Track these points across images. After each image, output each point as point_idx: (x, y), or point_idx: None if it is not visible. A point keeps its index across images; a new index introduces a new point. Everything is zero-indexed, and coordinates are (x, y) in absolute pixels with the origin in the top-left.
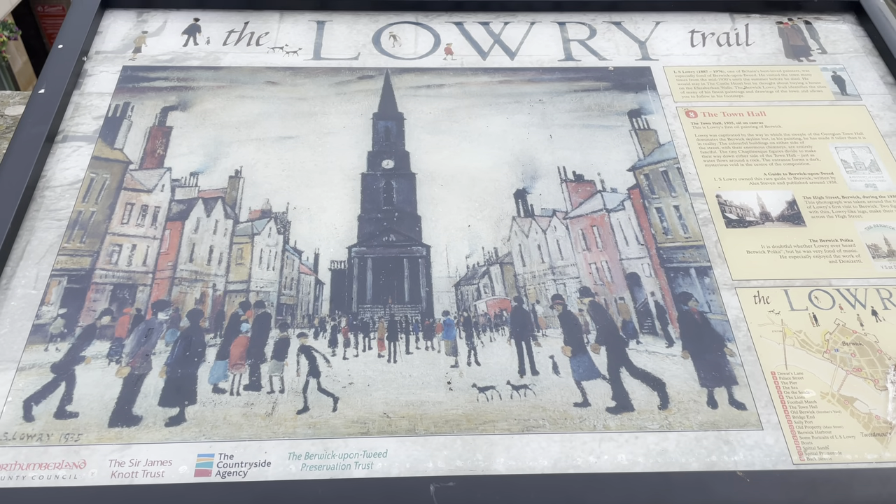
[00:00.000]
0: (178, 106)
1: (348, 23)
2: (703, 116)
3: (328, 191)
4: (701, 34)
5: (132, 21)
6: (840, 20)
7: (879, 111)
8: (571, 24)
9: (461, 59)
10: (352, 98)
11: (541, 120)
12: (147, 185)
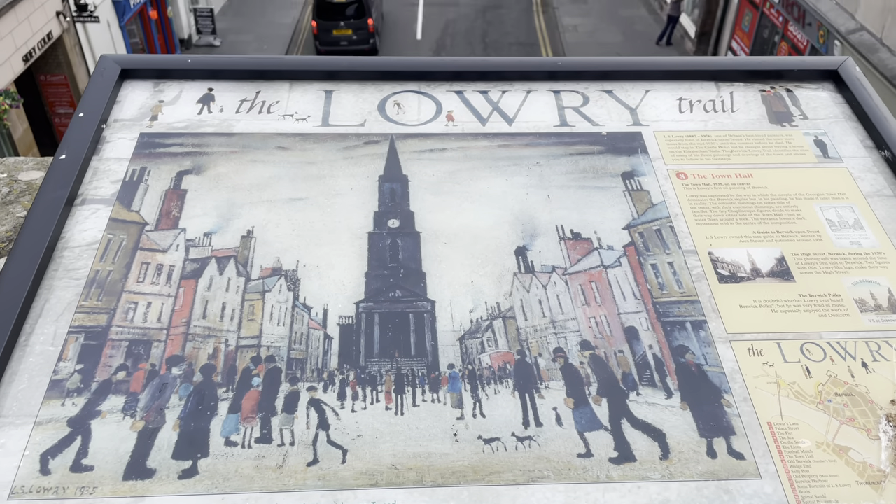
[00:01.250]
0: (193, 170)
1: (355, 92)
2: (693, 178)
3: (336, 249)
4: (688, 101)
5: (149, 91)
6: (820, 88)
7: (860, 173)
8: (566, 93)
9: (462, 125)
10: (359, 161)
11: (539, 182)
12: (162, 245)
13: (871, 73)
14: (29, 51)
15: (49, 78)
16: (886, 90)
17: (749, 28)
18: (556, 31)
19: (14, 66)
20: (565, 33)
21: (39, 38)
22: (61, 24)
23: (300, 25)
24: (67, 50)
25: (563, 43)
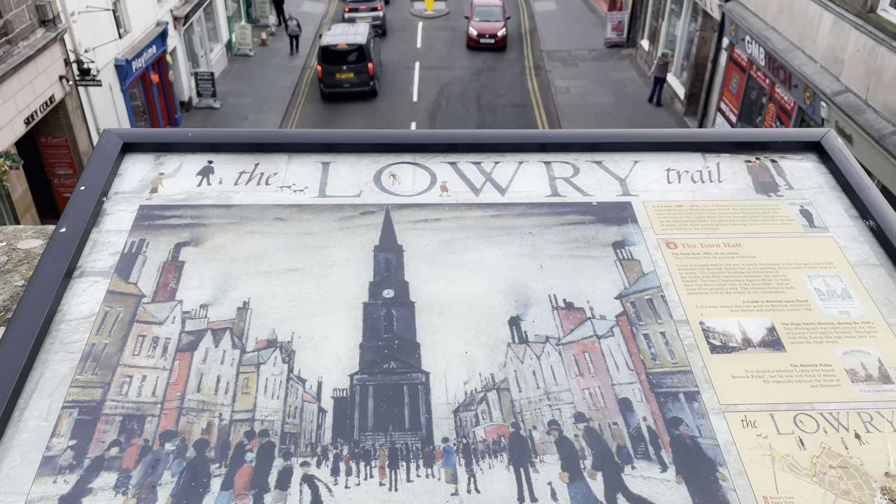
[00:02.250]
0: (191, 242)
1: (351, 163)
2: (682, 248)
3: (331, 320)
4: (676, 172)
5: (150, 164)
6: (804, 159)
7: (846, 242)
8: (556, 164)
9: (456, 195)
10: (354, 232)
11: (531, 251)
12: (159, 317)
13: (859, 133)
14: (31, 113)
15: (50, 140)
16: (874, 150)
17: (737, 90)
18: (548, 92)
19: (15, 128)
20: (558, 95)
21: (42, 101)
22: (64, 87)
23: (299, 88)
24: (69, 112)
25: (556, 104)
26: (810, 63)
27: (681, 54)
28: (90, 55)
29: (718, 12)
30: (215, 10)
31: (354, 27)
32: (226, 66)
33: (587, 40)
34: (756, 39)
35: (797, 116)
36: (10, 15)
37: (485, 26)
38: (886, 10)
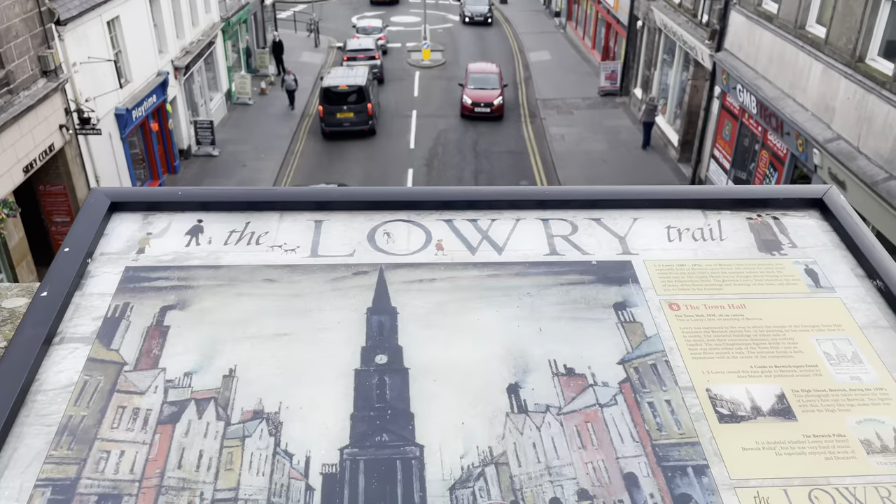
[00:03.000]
0: (177, 305)
1: (345, 221)
2: (685, 309)
3: (321, 388)
4: (677, 229)
5: (138, 223)
6: (806, 216)
7: (854, 303)
8: (554, 221)
9: (451, 254)
10: (347, 293)
11: (530, 313)
12: (140, 386)
13: (852, 179)
14: (30, 162)
15: (48, 188)
16: (868, 196)
17: (730, 137)
18: (543, 139)
19: (14, 176)
20: (553, 142)
21: (41, 149)
22: (63, 136)
23: (297, 135)
24: (68, 161)
25: (552, 151)
26: (801, 111)
27: (673, 102)
28: (90, 104)
29: (710, 62)
30: (216, 61)
31: (354, 70)
32: (225, 115)
33: (581, 89)
34: (747, 88)
35: (790, 163)
36: (13, 66)
37: (480, 94)
38: (875, 60)
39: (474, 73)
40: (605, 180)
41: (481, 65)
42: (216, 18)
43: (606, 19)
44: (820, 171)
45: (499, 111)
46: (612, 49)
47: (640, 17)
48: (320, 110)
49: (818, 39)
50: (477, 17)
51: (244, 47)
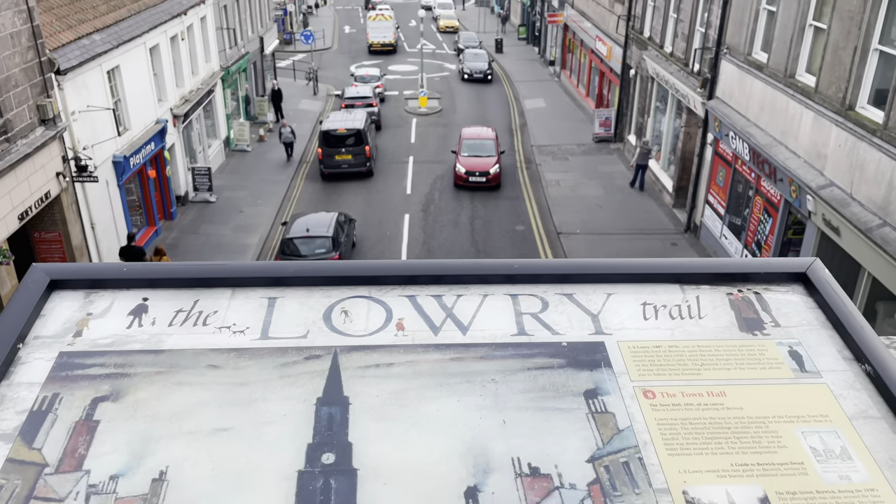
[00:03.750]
0: (110, 396)
1: (301, 298)
2: (661, 397)
3: (259, 494)
4: (653, 306)
5: (79, 302)
6: (789, 291)
7: (842, 390)
8: (524, 297)
9: (412, 334)
10: (296, 381)
11: (493, 402)
12: (60, 492)
13: (846, 225)
14: (25, 209)
15: (43, 235)
16: (862, 243)
17: (724, 183)
18: (539, 185)
19: (9, 224)
20: (548, 187)
21: (37, 197)
22: (60, 183)
23: (294, 182)
24: (64, 208)
25: (547, 196)
26: (794, 158)
27: (667, 148)
28: (88, 152)
29: (702, 110)
30: (215, 109)
31: (353, 114)
32: (223, 161)
33: (576, 135)
34: (740, 135)
35: (784, 209)
36: (11, 114)
37: (475, 163)
38: (865, 108)
39: (468, 138)
40: (601, 225)
41: (476, 129)
42: (216, 67)
43: (600, 68)
44: (814, 217)
45: (495, 180)
46: (606, 97)
47: (633, 66)
48: (319, 153)
49: (808, 88)
50: (476, 74)
51: (243, 95)
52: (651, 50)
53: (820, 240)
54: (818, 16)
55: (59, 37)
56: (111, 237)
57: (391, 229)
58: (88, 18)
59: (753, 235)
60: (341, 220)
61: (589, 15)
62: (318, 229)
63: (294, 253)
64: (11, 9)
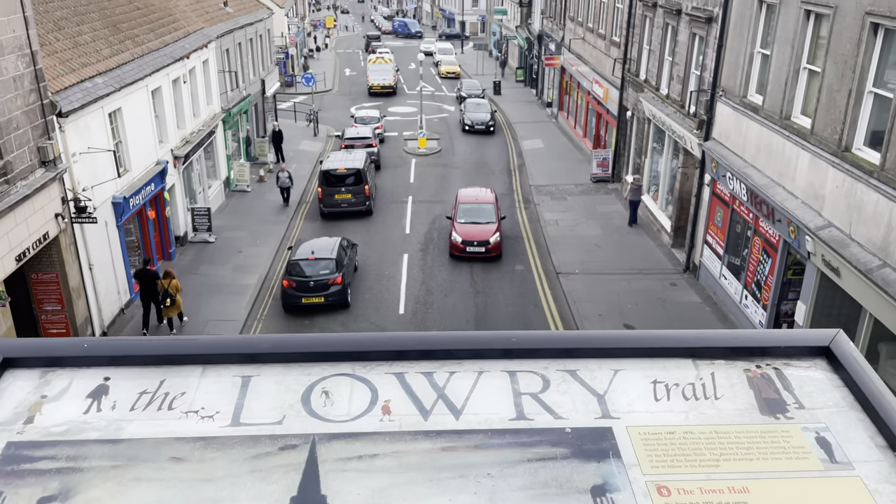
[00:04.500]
0: (58, 496)
1: (277, 377)
2: (677, 494)
3: None
4: (664, 385)
5: (33, 382)
6: (812, 366)
7: (877, 484)
8: (522, 374)
9: (400, 419)
10: (268, 476)
11: (489, 501)
12: None
13: (846, 266)
14: (23, 251)
15: (40, 276)
16: (863, 284)
17: (722, 223)
18: (538, 224)
19: (6, 265)
20: (547, 227)
21: (35, 238)
22: (59, 224)
23: (293, 222)
24: (62, 249)
25: (546, 236)
26: (791, 198)
27: (665, 188)
28: (88, 193)
29: (699, 150)
30: (215, 150)
31: (352, 154)
32: (223, 202)
33: (574, 176)
34: (737, 176)
35: (783, 250)
36: (11, 156)
37: (472, 231)
38: (861, 150)
39: (466, 202)
40: (600, 264)
41: (473, 192)
42: (217, 109)
43: (597, 109)
44: (813, 257)
45: (496, 250)
46: (603, 137)
47: (630, 108)
48: (319, 192)
49: (804, 130)
50: (478, 126)
51: (244, 136)
52: (647, 92)
53: (820, 280)
54: (812, 59)
55: (62, 80)
56: (109, 278)
57: (390, 269)
58: (91, 62)
59: (753, 276)
60: (344, 244)
61: (585, 58)
62: (323, 252)
63: (299, 274)
64: (15, 53)
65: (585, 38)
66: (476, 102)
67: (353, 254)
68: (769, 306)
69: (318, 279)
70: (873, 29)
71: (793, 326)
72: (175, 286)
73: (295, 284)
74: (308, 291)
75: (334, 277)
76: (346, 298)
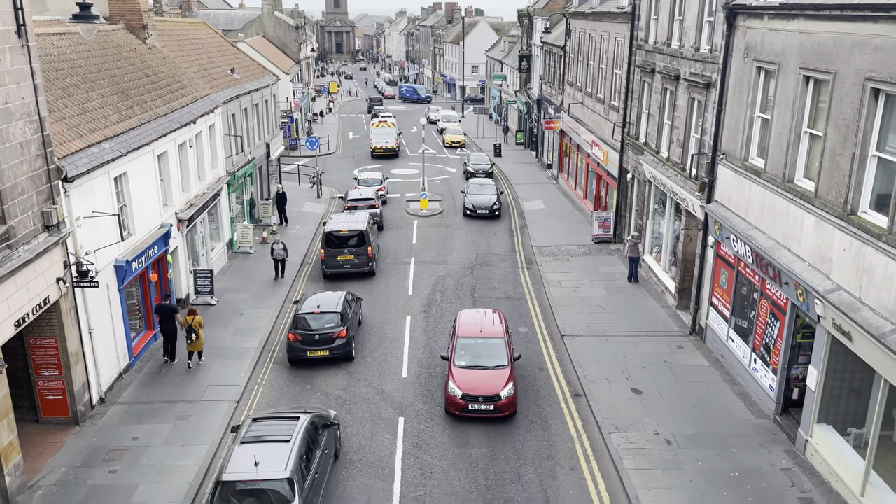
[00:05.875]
0: None
1: None
2: None
3: None
4: None
5: None
6: None
7: None
8: None
9: None
10: None
11: None
12: None
13: (858, 331)
14: (22, 316)
15: (39, 341)
16: (877, 349)
17: (727, 285)
18: (540, 286)
19: (4, 331)
20: (550, 288)
21: (35, 303)
22: (60, 289)
23: (295, 284)
24: (62, 314)
25: (549, 297)
26: (798, 261)
27: (668, 250)
28: (90, 257)
29: (701, 212)
30: (219, 212)
31: (355, 215)
32: (226, 264)
33: (576, 236)
34: (741, 238)
35: (791, 313)
36: (15, 221)
37: (476, 380)
38: (868, 213)
39: (466, 335)
40: (605, 326)
41: (476, 318)
42: (222, 172)
43: (597, 171)
44: (823, 321)
45: (508, 408)
46: (604, 198)
47: (630, 170)
48: (322, 253)
49: (808, 193)
50: (480, 211)
51: (248, 199)
52: (647, 154)
53: (831, 344)
54: (813, 123)
55: (69, 145)
56: (108, 342)
57: (393, 331)
58: (99, 127)
59: (761, 339)
60: (349, 298)
61: (584, 121)
62: (328, 306)
63: (305, 328)
64: (23, 119)
65: (584, 102)
66: (480, 183)
67: (358, 308)
68: (779, 371)
69: (324, 332)
70: (874, 94)
71: (804, 392)
72: (199, 322)
73: (301, 338)
74: (313, 345)
75: (339, 331)
76: (350, 352)
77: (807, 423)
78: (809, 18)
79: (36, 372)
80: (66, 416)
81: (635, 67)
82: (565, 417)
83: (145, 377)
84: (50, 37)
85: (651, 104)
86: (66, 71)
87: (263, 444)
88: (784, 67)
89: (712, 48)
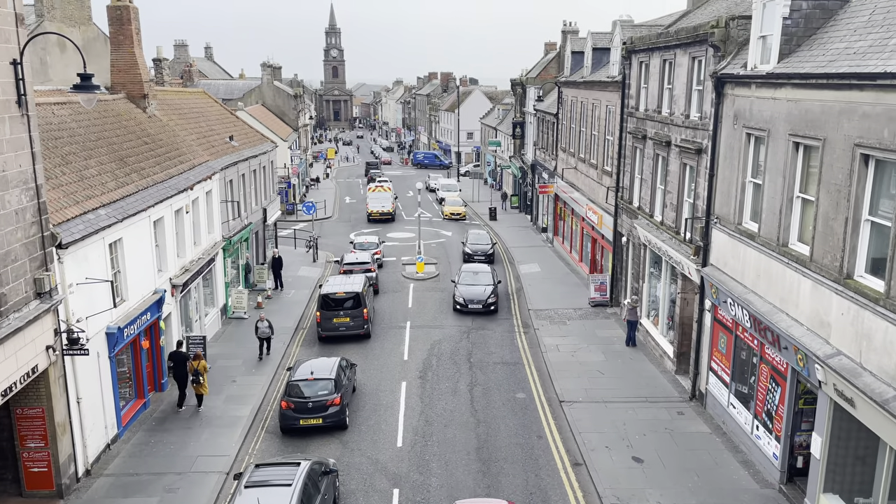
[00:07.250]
0: None
1: None
2: None
3: None
4: None
5: None
6: None
7: None
8: None
9: None
10: None
11: None
12: None
13: (860, 397)
14: (9, 385)
15: (25, 411)
16: (880, 415)
17: (726, 349)
18: (538, 350)
19: None
20: (547, 352)
21: (24, 372)
22: (49, 357)
23: (289, 350)
24: (50, 382)
25: (547, 362)
26: (797, 325)
27: (664, 314)
28: (82, 324)
29: (697, 276)
30: (214, 277)
31: (351, 278)
32: (219, 329)
33: (572, 300)
34: (738, 302)
35: (792, 378)
36: (6, 288)
37: None
38: (864, 277)
39: None
40: (603, 392)
41: None
42: (218, 238)
43: (592, 234)
44: (825, 386)
45: None
46: (600, 262)
47: (624, 234)
48: (317, 316)
49: (803, 257)
50: (473, 305)
51: (244, 264)
52: (641, 219)
53: (834, 411)
54: (805, 188)
55: (65, 212)
56: (97, 412)
57: (387, 398)
58: (96, 194)
59: (763, 405)
60: (343, 364)
61: (578, 186)
62: (322, 372)
63: (299, 396)
64: (19, 187)
65: (578, 167)
66: (473, 270)
67: (352, 374)
68: (782, 438)
69: (317, 400)
70: (864, 160)
71: (809, 460)
72: (203, 366)
73: (293, 406)
74: (306, 413)
75: (333, 398)
76: (344, 420)
77: (813, 493)
78: (797, 87)
79: (21, 443)
80: (50, 489)
81: (627, 134)
82: (565, 488)
83: (133, 447)
84: (51, 106)
85: (644, 169)
86: (66, 139)
87: (266, 489)
88: (773, 134)
89: (702, 115)
